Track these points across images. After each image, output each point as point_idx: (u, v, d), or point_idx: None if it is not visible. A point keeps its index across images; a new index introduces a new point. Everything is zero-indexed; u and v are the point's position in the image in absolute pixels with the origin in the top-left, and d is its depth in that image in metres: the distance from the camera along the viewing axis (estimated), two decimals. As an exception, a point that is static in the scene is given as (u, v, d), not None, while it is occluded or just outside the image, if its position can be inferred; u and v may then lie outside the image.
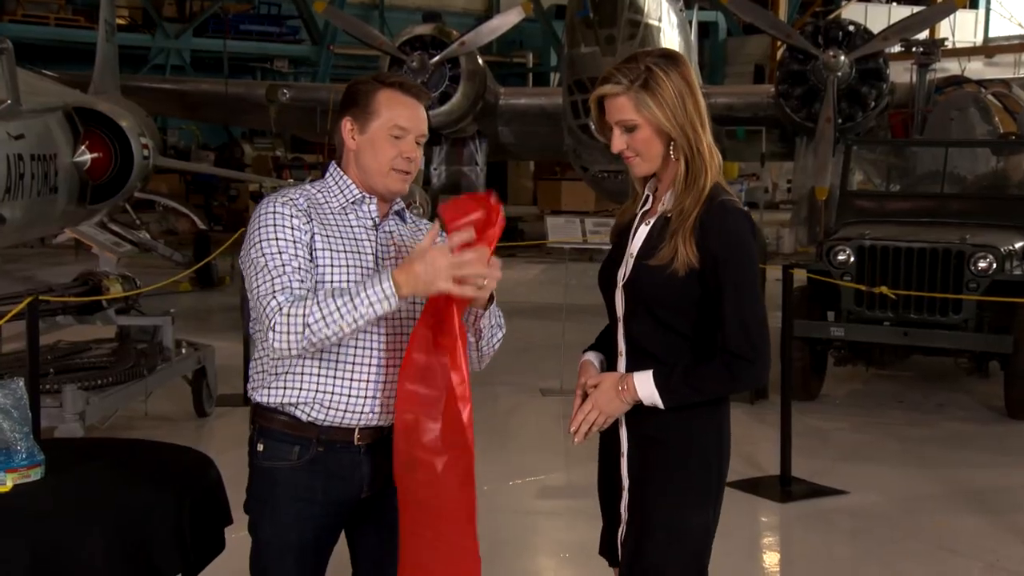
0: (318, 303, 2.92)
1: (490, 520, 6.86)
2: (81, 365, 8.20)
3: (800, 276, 8.51)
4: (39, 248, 16.91)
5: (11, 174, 8.50)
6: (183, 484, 3.70)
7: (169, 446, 4.16)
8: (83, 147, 10.07)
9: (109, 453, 4.12)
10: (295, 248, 3.07)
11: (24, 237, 10.08)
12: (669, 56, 3.11)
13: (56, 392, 7.03)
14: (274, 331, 2.95)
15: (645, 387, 3.00)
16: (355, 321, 2.90)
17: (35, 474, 3.59)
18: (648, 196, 3.17)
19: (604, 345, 3.30)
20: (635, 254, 3.10)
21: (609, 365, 3.21)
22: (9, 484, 3.51)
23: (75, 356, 8.49)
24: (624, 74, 3.04)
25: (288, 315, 2.93)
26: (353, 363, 3.16)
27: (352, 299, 2.89)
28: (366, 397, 3.17)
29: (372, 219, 3.24)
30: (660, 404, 2.99)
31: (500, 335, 3.31)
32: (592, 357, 3.30)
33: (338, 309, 2.89)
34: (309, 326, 2.91)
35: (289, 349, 2.96)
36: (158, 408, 8.77)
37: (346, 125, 3.20)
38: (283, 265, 3.03)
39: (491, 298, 3.14)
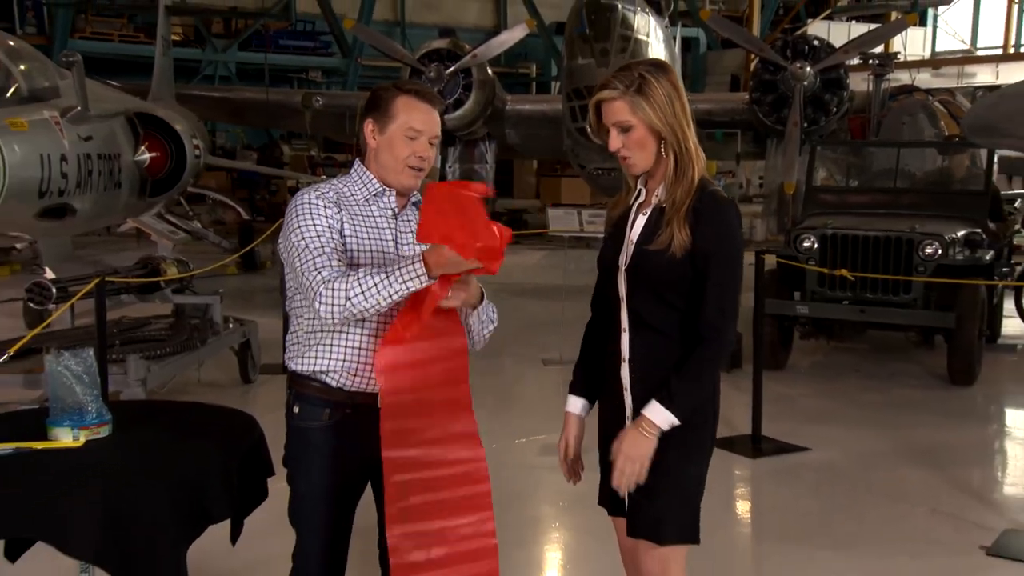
0: (358, 279, 2.94)
1: (498, 474, 6.81)
2: (142, 338, 8.23)
3: (770, 261, 8.55)
4: (105, 236, 16.92)
5: (81, 171, 8.54)
6: (231, 441, 3.73)
7: (219, 408, 4.19)
8: (143, 147, 10.10)
9: (167, 414, 4.16)
10: (330, 232, 3.11)
11: (92, 226, 10.11)
12: (659, 65, 3.12)
13: (121, 361, 7.05)
14: (320, 302, 2.97)
15: (659, 415, 3.01)
16: (391, 296, 2.92)
17: (104, 431, 3.63)
18: (641, 190, 3.18)
19: (587, 379, 3.32)
20: (635, 241, 3.12)
21: (609, 343, 3.21)
22: (82, 439, 3.56)
23: (137, 330, 8.53)
24: (620, 80, 3.06)
25: (332, 288, 2.96)
26: (375, 336, 3.17)
27: (388, 277, 2.91)
28: None
29: (392, 209, 3.25)
30: (677, 421, 3.00)
31: (491, 327, 3.31)
32: (576, 410, 3.32)
33: (375, 285, 2.91)
34: (350, 299, 2.94)
35: (333, 318, 2.99)
36: (209, 375, 8.83)
37: (368, 126, 3.22)
38: (322, 247, 3.06)
39: (482, 297, 3.16)
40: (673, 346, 3.08)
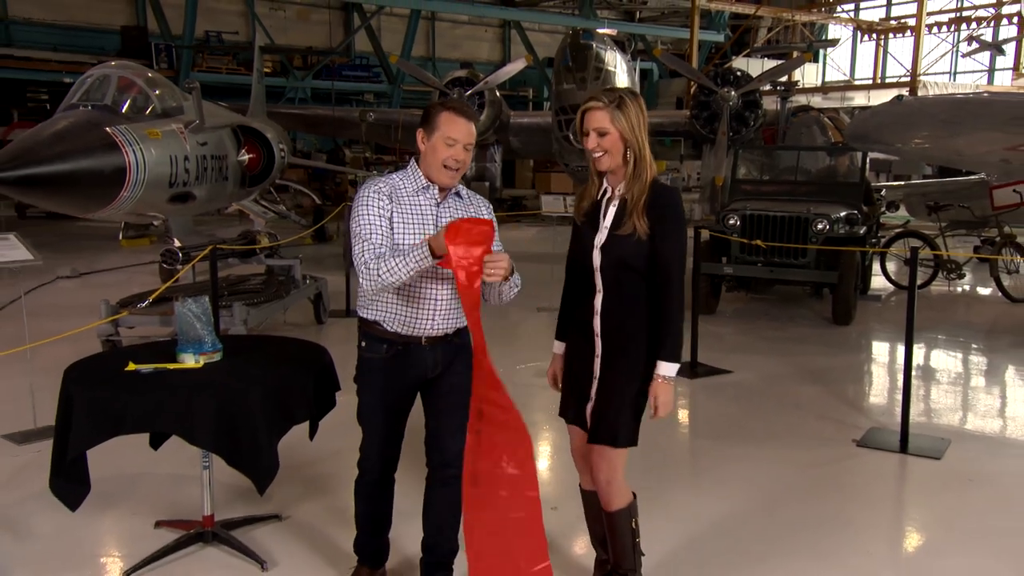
0: (385, 261, 2.95)
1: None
2: (244, 290, 8.26)
3: (705, 234, 8.52)
4: (216, 216, 16.85)
5: (199, 167, 8.51)
6: (308, 364, 3.75)
7: (300, 340, 4.20)
8: (243, 150, 10.04)
9: (262, 344, 4.19)
10: (380, 220, 3.09)
11: (207, 208, 10.05)
12: (633, 93, 3.10)
13: (228, 307, 7.07)
14: (362, 277, 3.02)
15: (669, 369, 3.06)
16: (408, 272, 2.93)
17: (217, 356, 3.65)
18: (607, 187, 3.15)
19: (566, 328, 3.30)
20: (608, 227, 3.09)
21: (584, 300, 3.18)
22: (201, 362, 3.58)
23: (240, 284, 8.59)
24: (605, 97, 3.06)
25: (369, 268, 2.99)
26: (419, 297, 3.17)
27: (404, 258, 2.92)
28: (426, 319, 3.19)
29: (435, 200, 3.21)
30: (679, 365, 3.08)
31: (516, 289, 3.24)
32: (559, 351, 3.34)
33: (396, 265, 2.93)
34: (380, 275, 2.96)
35: (371, 289, 3.01)
36: (292, 318, 8.83)
37: (420, 135, 3.18)
38: (371, 233, 3.06)
39: (512, 270, 3.07)
40: (634, 302, 3.07)
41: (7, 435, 5.40)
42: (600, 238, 3.11)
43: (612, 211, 3.10)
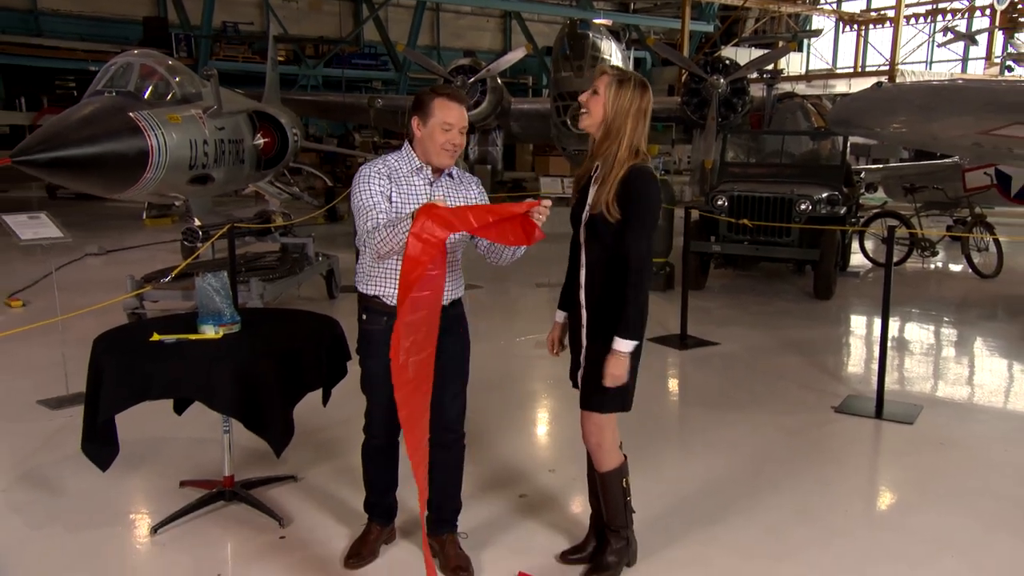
0: (381, 231, 2.93)
1: (504, 362, 6.99)
2: (260, 266, 8.24)
3: (695, 214, 8.49)
4: (233, 197, 16.84)
5: (217, 151, 8.48)
6: (320, 335, 3.75)
7: (313, 313, 4.20)
8: (258, 135, 10.00)
9: (278, 317, 4.19)
10: (380, 196, 3.07)
11: (224, 190, 10.03)
12: (644, 83, 3.06)
13: (246, 282, 7.06)
14: (364, 246, 3.02)
15: (623, 345, 2.98)
16: (398, 241, 2.86)
17: (235, 328, 3.65)
18: (598, 166, 3.12)
19: (567, 300, 3.27)
20: (590, 205, 3.07)
21: (574, 276, 3.18)
22: (221, 333, 3.57)
23: (256, 261, 8.56)
24: (615, 70, 3.07)
25: (371, 238, 2.98)
26: None
27: (393, 228, 2.89)
28: None
29: (428, 179, 3.19)
30: (636, 342, 2.98)
31: (522, 250, 3.16)
32: (560, 319, 3.33)
33: (387, 235, 2.90)
34: (377, 245, 2.94)
35: (376, 255, 2.99)
36: (305, 293, 8.81)
37: (415, 121, 3.15)
38: (373, 206, 3.05)
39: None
40: (613, 278, 3.04)
41: (42, 401, 5.42)
42: (585, 215, 3.10)
43: (594, 189, 3.08)
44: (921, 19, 32.40)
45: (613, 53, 15.59)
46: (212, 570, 3.38)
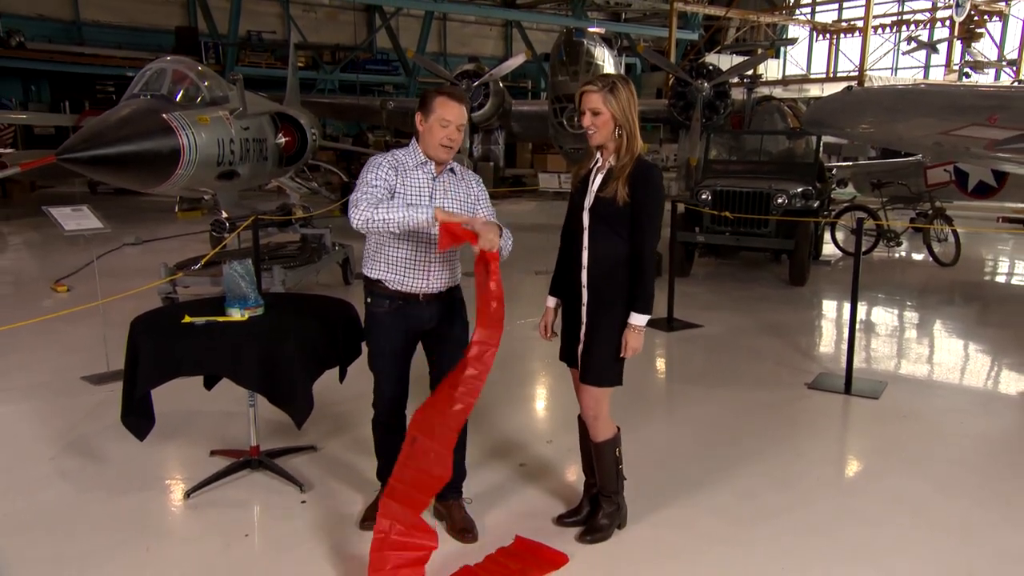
0: (387, 209, 2.89)
1: (505, 343, 6.84)
2: (282, 254, 8.22)
3: (680, 208, 8.45)
4: (257, 191, 16.76)
5: (242, 149, 8.42)
6: (337, 317, 3.75)
7: (330, 298, 4.19)
8: (280, 134, 9.94)
9: (299, 301, 4.17)
10: (382, 181, 3.05)
11: (249, 185, 9.96)
12: (625, 78, 3.06)
13: (269, 269, 7.05)
14: (351, 215, 2.95)
15: (639, 319, 3.03)
16: (405, 222, 2.88)
17: (259, 311, 3.64)
18: (599, 157, 3.12)
19: (557, 286, 3.28)
20: (595, 191, 3.06)
21: (572, 256, 3.14)
22: (246, 316, 3.56)
23: (279, 250, 8.52)
24: (600, 81, 3.02)
25: (359, 207, 2.93)
26: (416, 261, 3.15)
27: (408, 210, 2.88)
28: (421, 279, 3.17)
29: (432, 174, 3.17)
30: (649, 316, 3.04)
31: (510, 243, 3.19)
32: (551, 304, 3.32)
33: (398, 216, 2.88)
34: (375, 219, 2.90)
35: (355, 224, 2.94)
36: (323, 279, 8.78)
37: (418, 117, 3.14)
38: (371, 183, 3.03)
39: (501, 232, 3.00)
40: (615, 259, 3.04)
41: (85, 377, 5.42)
42: (588, 201, 3.08)
43: (600, 177, 3.07)
44: (887, 29, 32.25)
45: (606, 59, 15.47)
46: (241, 531, 3.39)
